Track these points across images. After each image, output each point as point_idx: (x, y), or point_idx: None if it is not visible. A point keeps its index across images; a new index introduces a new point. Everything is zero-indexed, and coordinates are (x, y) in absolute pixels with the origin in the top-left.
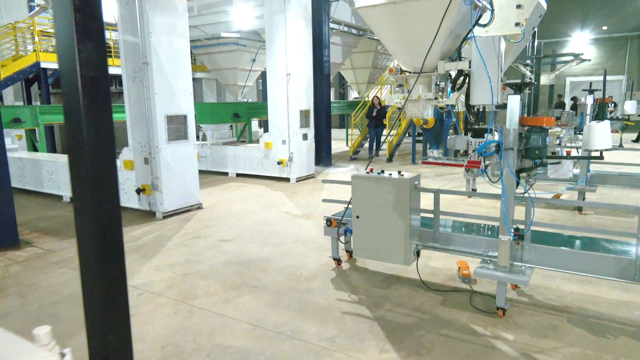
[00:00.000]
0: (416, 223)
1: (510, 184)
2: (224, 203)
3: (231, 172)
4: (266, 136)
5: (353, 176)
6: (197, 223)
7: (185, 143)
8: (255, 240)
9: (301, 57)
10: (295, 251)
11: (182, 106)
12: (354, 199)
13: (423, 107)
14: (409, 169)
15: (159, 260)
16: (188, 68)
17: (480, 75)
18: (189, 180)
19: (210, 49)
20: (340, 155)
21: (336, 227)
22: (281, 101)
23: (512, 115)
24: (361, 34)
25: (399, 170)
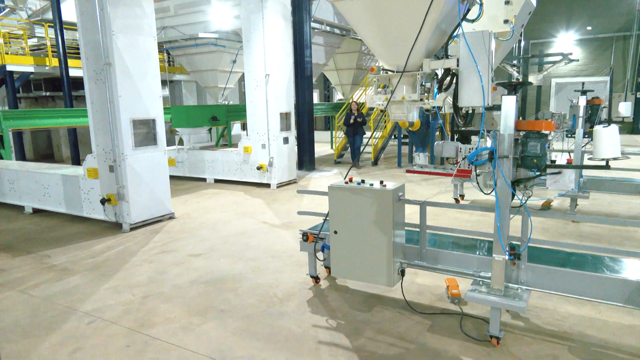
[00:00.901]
0: (400, 239)
1: (504, 196)
2: (199, 212)
3: (209, 178)
4: (245, 140)
5: (330, 187)
6: (167, 235)
7: (154, 149)
8: (227, 255)
9: (281, 57)
10: (270, 267)
11: (150, 109)
12: (331, 212)
13: (408, 109)
14: (394, 173)
15: (119, 279)
16: (156, 69)
17: (469, 74)
18: (159, 189)
19: (188, 50)
20: (324, 158)
21: (313, 242)
22: (260, 103)
23: (507, 118)
24: (344, 34)
25: (381, 180)
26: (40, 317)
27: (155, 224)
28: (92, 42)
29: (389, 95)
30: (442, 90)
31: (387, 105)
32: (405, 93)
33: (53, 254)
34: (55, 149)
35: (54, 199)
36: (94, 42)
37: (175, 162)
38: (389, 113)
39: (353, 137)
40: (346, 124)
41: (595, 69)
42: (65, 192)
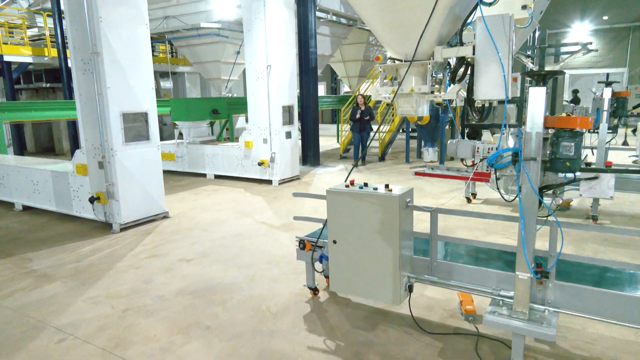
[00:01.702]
0: (408, 251)
1: (531, 205)
2: (195, 211)
3: (209, 173)
4: (246, 134)
5: (329, 191)
6: (159, 237)
7: (146, 144)
8: (221, 260)
9: (283, 47)
10: (265, 275)
11: (142, 102)
12: (330, 220)
13: (417, 103)
14: (402, 169)
15: (100, 288)
16: (148, 59)
17: (486, 64)
18: (151, 187)
19: (190, 40)
20: (330, 153)
21: (311, 250)
22: (261, 96)
23: (534, 114)
24: (351, 23)
25: (387, 184)
26: (7, 333)
27: (147, 224)
28: (79, 30)
29: (396, 87)
30: (455, 82)
31: (394, 98)
32: (414, 85)
33: (35, 257)
34: (56, 142)
35: (44, 196)
36: (81, 30)
37: (174, 156)
38: (396, 107)
39: (359, 134)
40: (352, 119)
41: (612, 60)
42: (55, 189)
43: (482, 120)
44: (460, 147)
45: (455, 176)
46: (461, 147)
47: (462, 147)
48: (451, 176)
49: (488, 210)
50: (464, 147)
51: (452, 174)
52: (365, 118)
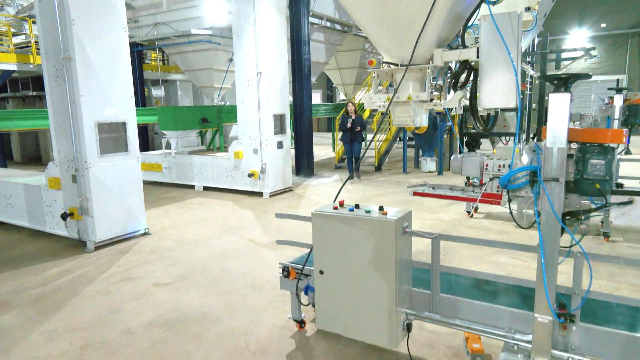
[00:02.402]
0: (406, 283)
1: (552, 234)
2: (179, 227)
3: (197, 185)
4: (235, 144)
5: (314, 214)
6: (135, 257)
7: (124, 156)
8: (200, 285)
9: (274, 53)
10: (247, 303)
11: (120, 111)
12: (316, 247)
13: (415, 112)
14: (399, 179)
15: (61, 319)
16: (126, 65)
17: (493, 68)
18: (130, 202)
19: (182, 47)
20: (325, 162)
21: (296, 279)
22: (252, 104)
23: (556, 125)
24: (346, 30)
25: (381, 206)
26: None
27: (125, 242)
28: (50, 33)
29: (391, 94)
30: (457, 88)
31: (389, 107)
32: (411, 92)
33: None
34: (42, 151)
35: (17, 211)
36: (52, 34)
37: (162, 167)
38: (392, 116)
39: (350, 145)
40: (342, 129)
41: (610, 67)
42: (28, 203)
43: (487, 130)
44: (466, 164)
45: (459, 197)
46: (467, 164)
47: (468, 163)
48: (455, 197)
49: (490, 225)
50: (470, 163)
51: (455, 195)
52: (356, 129)
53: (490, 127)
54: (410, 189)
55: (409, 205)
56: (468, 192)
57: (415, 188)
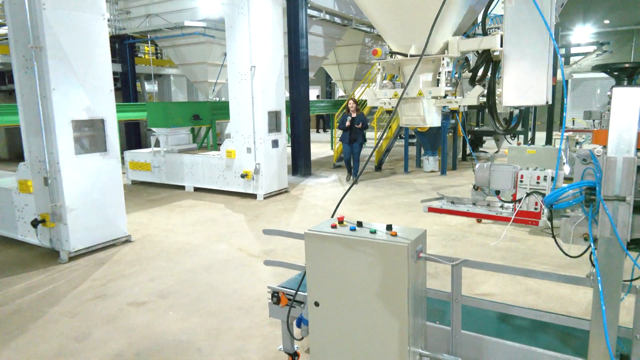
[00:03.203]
0: (420, 318)
1: (614, 267)
2: (164, 233)
3: (188, 185)
4: (228, 143)
5: (308, 234)
6: (113, 269)
7: (103, 156)
8: (181, 304)
9: (269, 47)
10: (234, 328)
11: (98, 107)
12: (310, 274)
13: (426, 110)
14: (401, 180)
15: (17, 349)
16: (105, 56)
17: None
18: (110, 207)
19: (175, 40)
20: (323, 161)
21: (288, 306)
22: (245, 100)
23: (623, 129)
24: (346, 23)
25: (389, 224)
26: None
27: (103, 251)
28: (19, 19)
29: (399, 90)
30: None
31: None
32: (422, 87)
33: None
34: None
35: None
36: (21, 20)
37: (150, 166)
38: (400, 115)
39: (350, 145)
40: (341, 128)
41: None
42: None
43: (508, 130)
44: (495, 175)
45: (486, 215)
46: (497, 175)
47: (498, 174)
48: (481, 215)
49: (499, 231)
50: (501, 174)
51: (481, 212)
52: (357, 126)
53: (514, 126)
54: (425, 204)
55: (412, 209)
56: (495, 209)
57: (430, 203)
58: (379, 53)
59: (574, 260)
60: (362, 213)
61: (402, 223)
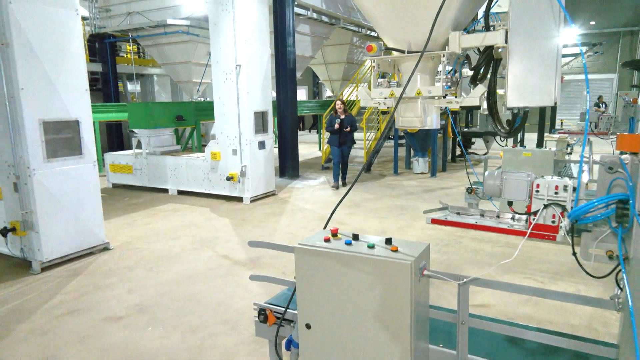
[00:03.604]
0: (423, 342)
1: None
2: (145, 239)
3: (171, 188)
4: (212, 144)
5: (298, 248)
6: (89, 280)
7: (78, 160)
8: (161, 318)
9: (255, 45)
10: (218, 345)
11: (71, 107)
12: (301, 293)
13: (424, 111)
14: (391, 182)
15: None
16: (79, 54)
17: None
18: (86, 213)
19: (158, 39)
20: (312, 162)
21: (275, 325)
22: (230, 100)
23: None
24: (334, 22)
25: (388, 238)
26: None
27: (79, 261)
28: None
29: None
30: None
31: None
32: (420, 85)
33: None
34: None
35: None
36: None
37: (132, 169)
38: (396, 117)
39: (339, 148)
40: (329, 130)
41: (601, 66)
42: None
43: (511, 133)
44: (508, 184)
45: (497, 229)
46: (510, 184)
47: (511, 183)
48: (491, 228)
49: (494, 237)
50: (514, 183)
51: (490, 225)
52: (346, 129)
53: (517, 129)
54: (428, 215)
55: (404, 212)
56: (506, 221)
57: (433, 214)
58: (374, 49)
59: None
60: (352, 217)
61: (394, 227)
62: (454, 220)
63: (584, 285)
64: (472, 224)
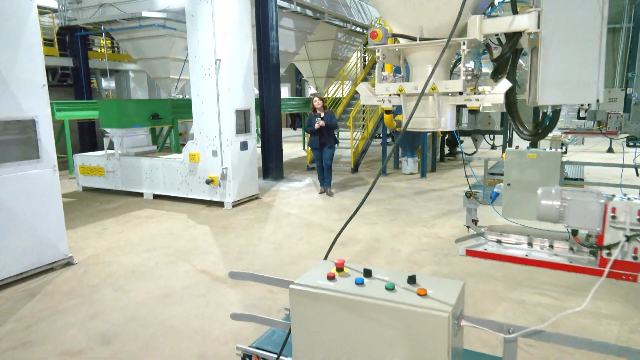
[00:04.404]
0: None
1: None
2: (115, 251)
3: (147, 192)
4: (191, 145)
5: (294, 290)
6: (46, 302)
7: (35, 165)
8: (128, 352)
9: (236, 38)
10: None
11: (26, 105)
12: (296, 340)
13: (439, 110)
14: (380, 183)
15: None
16: (35, 44)
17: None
18: (45, 224)
19: (133, 33)
20: (296, 162)
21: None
22: (209, 98)
23: None
24: (318, 16)
25: (411, 275)
26: None
27: (37, 278)
28: None
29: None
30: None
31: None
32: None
33: None
34: None
35: None
36: None
37: (104, 171)
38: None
39: (320, 150)
40: (310, 131)
41: None
42: None
43: (537, 135)
44: (574, 209)
45: (555, 264)
46: (576, 209)
47: (577, 207)
48: (549, 264)
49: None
50: (582, 208)
51: (547, 260)
52: (325, 129)
53: (545, 130)
54: (461, 244)
55: (396, 217)
56: (564, 253)
57: (467, 242)
58: (378, 35)
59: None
60: (341, 223)
61: (388, 234)
62: (496, 253)
63: (603, 301)
64: (521, 257)
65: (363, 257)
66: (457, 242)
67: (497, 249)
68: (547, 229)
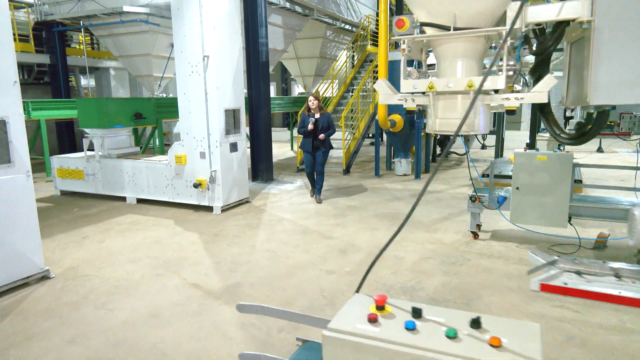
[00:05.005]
0: None
1: None
2: (96, 262)
3: (130, 197)
4: (177, 147)
5: (328, 337)
6: (19, 324)
7: (5, 170)
8: None
9: (225, 31)
10: None
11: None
12: None
13: (476, 111)
14: (374, 184)
15: None
16: (5, 39)
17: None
18: (17, 235)
19: (113, 28)
20: (285, 164)
21: None
22: (197, 96)
23: None
24: (307, 13)
25: (475, 319)
26: None
27: (9, 295)
28: None
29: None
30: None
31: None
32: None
33: None
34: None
35: None
36: None
37: (83, 174)
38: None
39: (312, 155)
40: (302, 133)
41: None
42: None
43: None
44: None
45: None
46: None
47: None
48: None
49: (503, 250)
50: None
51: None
52: (320, 137)
53: (589, 134)
54: (534, 278)
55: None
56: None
57: (541, 274)
58: (405, 24)
59: None
60: (339, 228)
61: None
62: (581, 289)
63: (627, 314)
64: (612, 295)
65: (366, 266)
66: (528, 274)
67: (580, 283)
68: (555, 234)
